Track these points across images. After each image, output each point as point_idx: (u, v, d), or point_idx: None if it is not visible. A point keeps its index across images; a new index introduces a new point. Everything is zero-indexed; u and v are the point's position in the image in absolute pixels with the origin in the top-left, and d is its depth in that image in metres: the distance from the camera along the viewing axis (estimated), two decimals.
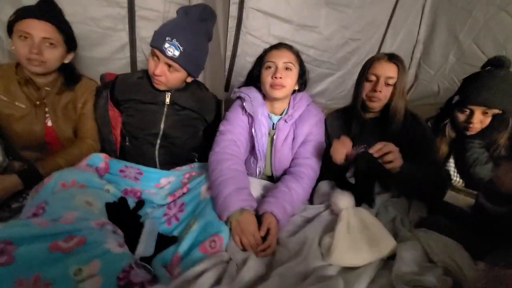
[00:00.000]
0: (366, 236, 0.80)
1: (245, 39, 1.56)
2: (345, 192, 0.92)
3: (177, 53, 1.01)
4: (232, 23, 1.51)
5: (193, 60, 1.08)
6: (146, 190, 1.05)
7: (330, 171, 1.09)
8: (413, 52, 1.96)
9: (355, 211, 0.88)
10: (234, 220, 0.84)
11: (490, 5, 1.54)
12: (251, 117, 1.08)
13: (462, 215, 0.94)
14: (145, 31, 1.38)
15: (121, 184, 1.03)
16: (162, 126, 1.15)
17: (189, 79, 1.16)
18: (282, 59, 1.05)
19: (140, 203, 0.99)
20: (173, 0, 1.37)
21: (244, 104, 1.08)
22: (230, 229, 0.85)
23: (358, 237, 0.80)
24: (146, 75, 1.15)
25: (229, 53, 1.56)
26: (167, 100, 1.15)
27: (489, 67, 1.14)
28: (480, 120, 1.13)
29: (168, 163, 1.18)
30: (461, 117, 1.17)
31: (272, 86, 1.05)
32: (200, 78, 1.64)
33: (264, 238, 0.85)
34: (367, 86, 1.11)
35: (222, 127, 1.09)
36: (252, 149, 1.12)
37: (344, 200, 0.91)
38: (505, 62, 1.11)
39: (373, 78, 1.09)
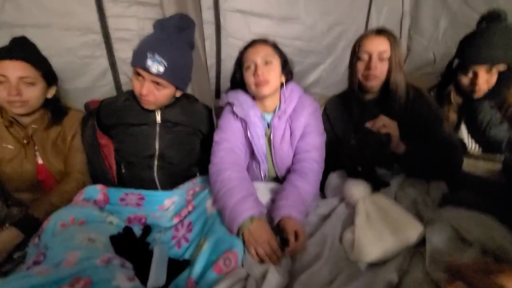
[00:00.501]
0: (389, 225, 0.74)
1: (227, 42, 1.52)
2: (358, 181, 0.87)
3: (162, 68, 0.95)
4: (210, 29, 1.47)
5: (179, 73, 1.03)
6: (150, 214, 1.00)
7: (339, 162, 1.03)
8: (401, 25, 1.89)
9: (373, 199, 0.82)
10: (246, 230, 0.79)
11: None
12: (244, 121, 1.04)
13: (486, 184, 0.87)
14: (124, 53, 1.35)
15: (123, 213, 0.98)
16: (157, 146, 1.10)
17: (178, 93, 1.11)
18: (259, 55, 1.00)
19: (147, 229, 0.94)
20: (147, 16, 1.33)
21: (234, 109, 1.03)
22: (244, 242, 0.79)
23: (380, 227, 0.74)
24: (132, 96, 1.10)
25: (213, 60, 1.52)
26: (158, 118, 1.10)
27: (484, 23, 1.07)
28: (485, 80, 1.06)
29: (169, 184, 1.13)
30: (465, 80, 1.10)
31: (257, 85, 1.00)
32: (187, 90, 1.61)
33: (284, 243, 0.79)
34: (361, 66, 1.05)
35: (216, 137, 1.04)
36: (252, 154, 1.07)
37: (358, 190, 0.85)
38: (501, 14, 1.05)
39: (365, 56, 1.04)
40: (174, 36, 1.01)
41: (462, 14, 1.57)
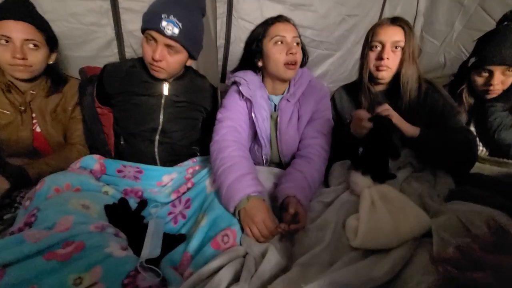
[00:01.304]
0: (394, 215, 0.72)
1: (237, 24, 1.48)
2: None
3: (176, 30, 0.91)
4: (222, 9, 1.43)
5: (193, 38, 0.99)
6: (148, 189, 0.97)
7: (343, 150, 1.00)
8: (413, 25, 1.87)
9: (378, 188, 0.79)
10: (242, 209, 0.77)
11: None
12: (249, 102, 1.00)
13: (495, 182, 0.86)
14: (132, 24, 1.31)
15: (120, 185, 0.95)
16: (160, 120, 1.06)
17: (189, 62, 1.06)
18: (290, 33, 0.97)
19: (143, 203, 0.92)
20: None
21: (240, 88, 1.00)
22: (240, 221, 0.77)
23: (385, 217, 0.72)
24: (139, 63, 1.05)
25: (221, 41, 1.48)
26: (166, 90, 1.06)
27: (506, 23, 1.06)
28: (501, 80, 1.04)
29: (169, 160, 1.09)
30: (480, 80, 1.08)
31: (287, 64, 0.96)
32: (193, 67, 1.57)
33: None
34: (373, 56, 1.03)
35: (220, 115, 1.01)
36: (255, 136, 1.04)
37: (364, 179, 0.83)
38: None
39: (378, 45, 1.01)
40: (189, 1, 0.96)
41: (478, 18, 1.55)
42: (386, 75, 1.02)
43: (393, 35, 0.99)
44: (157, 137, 1.07)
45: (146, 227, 0.80)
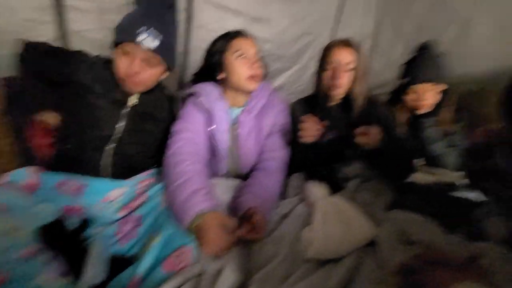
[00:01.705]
0: (344, 225, 0.77)
1: (197, 33, 1.46)
2: (319, 183, 0.89)
3: (157, 43, 0.87)
4: (181, 17, 1.40)
5: (172, 49, 0.95)
6: (91, 205, 0.87)
7: (298, 158, 1.05)
8: (362, 45, 2.05)
9: (330, 200, 0.84)
10: (195, 228, 0.74)
11: (426, 1, 1.68)
12: (208, 114, 0.99)
13: (426, 191, 0.97)
14: (79, 24, 1.20)
15: (58, 201, 0.83)
16: (118, 128, 0.96)
17: (164, 75, 1.00)
18: (252, 48, 1.00)
19: (84, 222, 0.83)
20: None
21: (199, 99, 0.98)
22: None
23: (336, 227, 0.76)
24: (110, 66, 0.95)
25: (180, 49, 1.44)
26: (133, 100, 0.97)
27: (423, 50, 1.27)
28: (429, 96, 1.22)
29: (120, 173, 0.99)
30: (412, 97, 1.25)
31: (252, 78, 0.98)
32: None
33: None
34: (327, 75, 1.10)
35: (176, 126, 0.98)
36: (213, 149, 1.03)
37: (317, 190, 0.87)
38: (433, 45, 1.28)
39: (332, 65, 1.08)
40: (164, 12, 0.93)
41: (415, 43, 1.77)
42: (337, 94, 1.10)
43: (345, 57, 1.07)
44: (110, 146, 0.96)
45: (88, 249, 0.72)
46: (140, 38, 0.85)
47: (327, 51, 1.11)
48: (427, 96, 1.22)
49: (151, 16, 0.88)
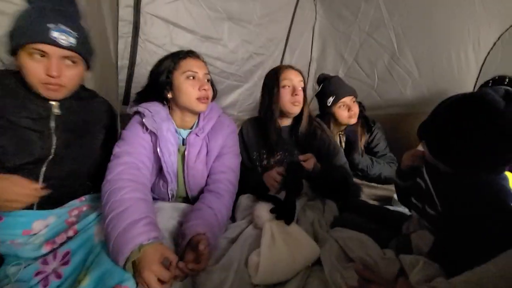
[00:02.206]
0: (291, 247, 0.78)
1: (144, 46, 1.40)
2: (268, 204, 0.90)
3: (73, 40, 0.80)
4: (127, 29, 1.33)
5: (88, 45, 0.89)
6: (7, 240, 0.75)
7: (250, 185, 1.07)
8: (309, 68, 2.20)
9: (279, 222, 0.85)
10: (133, 263, 0.68)
11: (362, 32, 1.89)
12: (154, 135, 0.94)
13: (366, 207, 1.06)
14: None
15: None
16: (52, 147, 0.85)
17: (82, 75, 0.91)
18: (202, 70, 0.99)
19: None
20: None
21: (144, 120, 0.93)
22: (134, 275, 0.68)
23: (283, 249, 0.77)
24: (15, 79, 0.83)
25: (125, 61, 1.36)
26: (56, 110, 0.87)
27: (329, 77, 1.54)
28: (354, 107, 1.43)
29: (53, 199, 0.85)
30: (341, 110, 1.45)
31: (200, 99, 0.96)
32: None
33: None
34: (286, 93, 1.15)
35: (117, 149, 0.90)
36: (160, 171, 0.97)
37: (266, 212, 0.88)
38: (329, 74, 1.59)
39: (289, 83, 1.15)
40: (68, 6, 0.85)
41: (353, 69, 1.98)
42: (298, 109, 1.17)
43: (297, 77, 1.17)
44: (43, 170, 0.84)
45: None
46: (52, 36, 0.77)
47: (279, 71, 1.17)
48: (353, 106, 1.44)
49: (56, 13, 0.81)
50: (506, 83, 1.19)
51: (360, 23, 1.90)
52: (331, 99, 1.45)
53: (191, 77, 0.97)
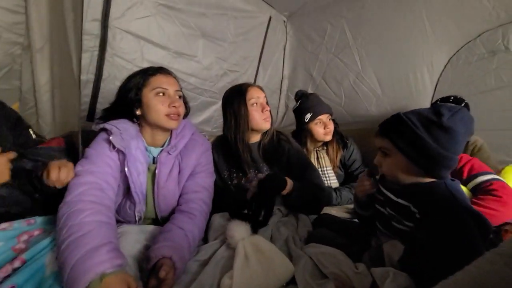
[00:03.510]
0: (265, 266, 0.76)
1: (112, 61, 1.35)
2: (240, 222, 0.87)
3: None
4: (93, 42, 1.28)
5: None
6: None
7: (225, 204, 1.05)
8: (281, 85, 2.27)
9: (252, 240, 0.83)
10: None
11: (329, 52, 2.01)
12: (122, 153, 0.89)
13: (337, 222, 1.07)
14: None
15: None
16: None
17: None
18: (173, 86, 0.97)
19: None
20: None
21: (111, 138, 0.87)
22: None
23: (257, 269, 0.75)
24: None
25: (90, 76, 1.29)
26: None
27: (306, 95, 1.60)
28: (330, 124, 1.48)
29: None
30: (318, 127, 1.49)
31: (169, 116, 0.93)
32: (47, 104, 1.29)
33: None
34: (255, 110, 1.16)
35: (79, 168, 0.84)
36: (127, 191, 0.92)
37: (240, 231, 0.85)
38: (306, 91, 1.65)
39: (256, 101, 1.16)
40: None
41: (321, 87, 2.08)
42: (269, 125, 1.18)
43: (262, 94, 1.19)
44: None
45: None
46: None
47: (245, 91, 1.17)
48: (329, 124, 1.49)
49: None
50: (450, 101, 1.37)
51: (327, 45, 2.03)
52: (308, 116, 1.49)
53: (161, 94, 0.95)
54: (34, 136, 1.01)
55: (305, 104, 1.54)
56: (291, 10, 2.13)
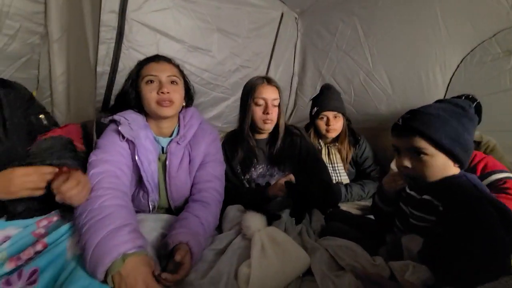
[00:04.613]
0: (281, 258, 0.76)
1: (128, 54, 1.36)
2: (256, 214, 0.88)
3: None
4: (110, 34, 1.29)
5: None
6: None
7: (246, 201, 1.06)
8: (291, 83, 2.27)
9: (268, 231, 0.84)
10: (116, 274, 0.62)
11: (339, 50, 2.00)
12: (131, 143, 0.90)
13: (351, 217, 1.07)
14: None
15: None
16: None
17: None
18: (165, 72, 0.95)
19: None
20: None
21: (120, 128, 0.89)
22: None
23: (274, 260, 0.75)
24: None
25: (106, 68, 1.30)
26: None
27: (327, 88, 1.60)
28: (334, 123, 1.46)
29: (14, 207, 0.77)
30: (321, 123, 1.49)
31: (159, 103, 0.92)
32: (62, 94, 1.30)
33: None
34: (258, 110, 1.16)
35: (93, 157, 0.85)
36: (140, 181, 0.93)
37: (256, 222, 0.86)
38: (331, 85, 1.65)
39: (262, 102, 1.15)
40: None
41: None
42: (270, 127, 1.17)
43: (272, 94, 1.16)
44: None
45: None
46: None
47: (254, 87, 1.17)
48: (333, 122, 1.46)
49: None
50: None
51: (337, 42, 2.01)
52: (315, 109, 1.51)
53: (150, 81, 0.94)
54: (45, 122, 0.99)
55: (318, 97, 1.55)
56: (303, 7, 2.12)
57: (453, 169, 0.71)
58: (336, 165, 1.51)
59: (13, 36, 1.10)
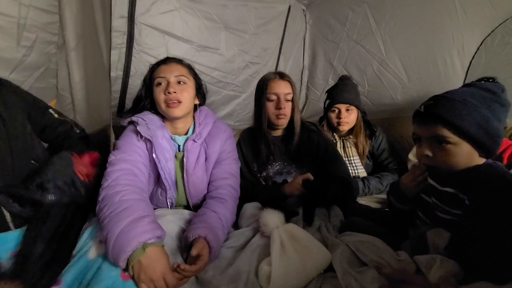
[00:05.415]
0: (301, 254, 0.76)
1: (139, 57, 1.38)
2: (274, 211, 0.87)
3: None
4: (121, 39, 1.31)
5: None
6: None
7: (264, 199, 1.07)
8: (302, 76, 2.24)
9: (286, 228, 0.83)
10: (136, 263, 0.64)
11: (350, 40, 1.95)
12: (149, 142, 0.92)
13: (371, 212, 1.05)
14: None
15: None
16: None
17: None
18: (172, 73, 0.96)
19: None
20: (33, 4, 1.07)
21: (138, 128, 0.91)
22: (133, 278, 0.65)
23: (294, 257, 0.75)
24: None
25: (119, 72, 1.33)
26: None
27: (342, 79, 1.56)
28: (346, 116, 1.43)
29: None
30: (333, 115, 1.47)
31: (167, 103, 0.94)
32: (82, 100, 1.34)
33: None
34: (271, 106, 1.15)
35: (112, 157, 0.88)
36: (158, 179, 0.95)
37: (274, 219, 0.85)
38: (349, 76, 1.62)
39: (274, 97, 1.14)
40: None
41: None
42: (284, 122, 1.16)
43: (284, 88, 1.15)
44: None
45: None
46: None
47: (266, 83, 1.16)
48: (345, 114, 1.42)
49: None
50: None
51: (348, 32, 1.96)
52: (327, 101, 1.49)
53: (159, 84, 0.96)
54: (56, 115, 1.03)
55: (332, 89, 1.53)
56: None
57: (478, 159, 0.67)
58: (352, 158, 1.48)
59: (30, 47, 1.13)
